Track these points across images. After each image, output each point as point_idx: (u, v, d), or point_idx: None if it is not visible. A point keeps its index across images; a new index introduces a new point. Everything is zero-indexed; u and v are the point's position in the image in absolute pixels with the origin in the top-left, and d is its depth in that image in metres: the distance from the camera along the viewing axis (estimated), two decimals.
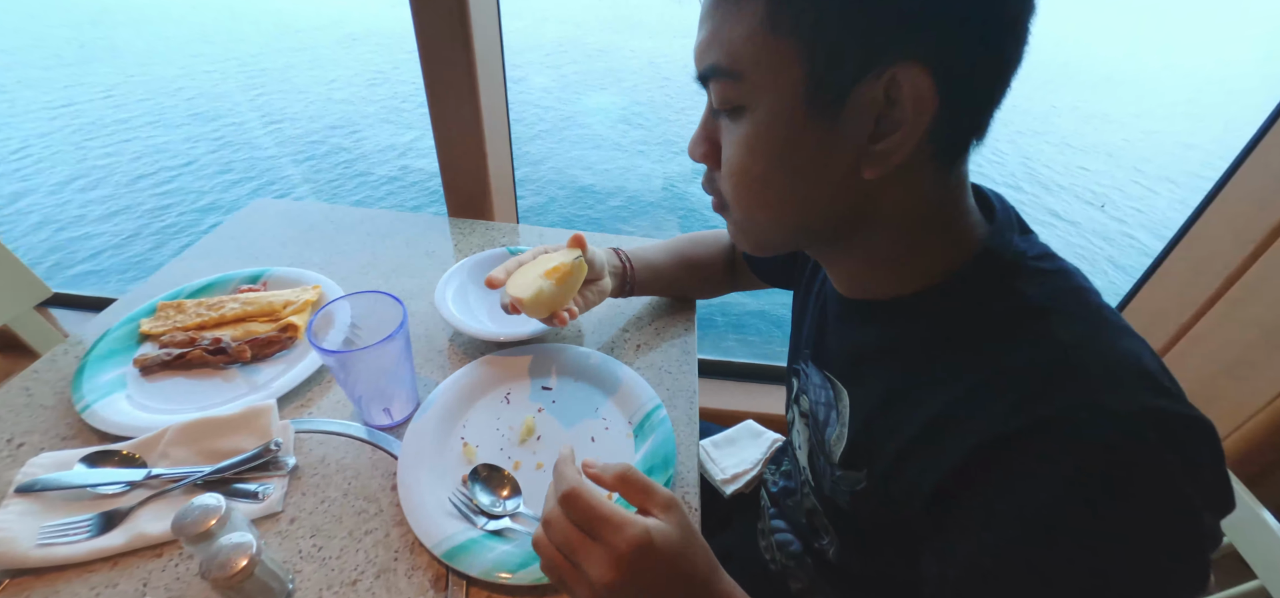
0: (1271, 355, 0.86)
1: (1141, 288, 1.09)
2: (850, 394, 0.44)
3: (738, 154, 0.38)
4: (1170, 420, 0.29)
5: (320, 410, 0.63)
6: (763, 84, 0.35)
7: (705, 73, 0.37)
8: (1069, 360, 0.32)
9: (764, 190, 0.38)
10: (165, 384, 0.65)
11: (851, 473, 0.44)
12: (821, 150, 0.35)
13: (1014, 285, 0.36)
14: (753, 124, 0.36)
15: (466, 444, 0.58)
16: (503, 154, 1.07)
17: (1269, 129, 0.89)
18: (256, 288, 0.77)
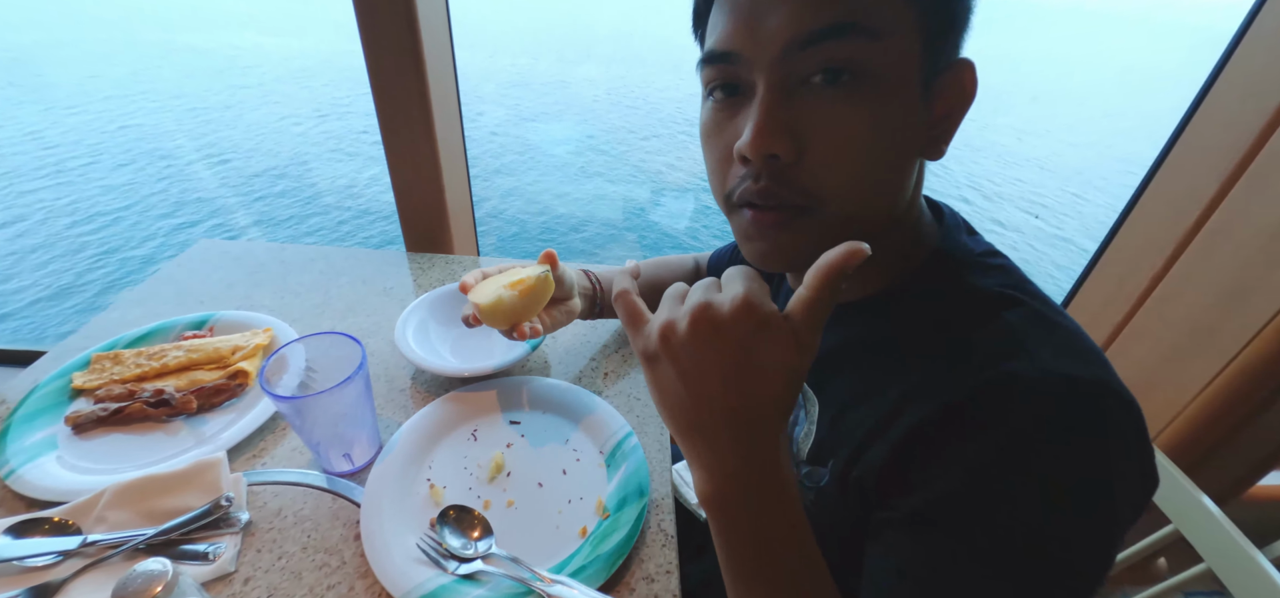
0: (1197, 350, 0.92)
1: (1079, 289, 1.16)
2: (819, 398, 0.46)
3: (861, 123, 0.34)
4: (1104, 392, 0.31)
5: (274, 460, 0.60)
6: (896, 50, 0.34)
7: (828, 30, 0.33)
8: (1017, 339, 0.34)
9: (878, 161, 0.36)
10: (101, 442, 0.61)
11: (816, 469, 0.44)
12: (917, 124, 0.37)
13: (966, 279, 0.39)
14: (874, 89, 0.34)
15: (433, 486, 0.56)
16: (460, 186, 1.06)
17: (1176, 141, 0.97)
18: (202, 334, 0.73)
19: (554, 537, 0.53)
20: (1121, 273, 1.06)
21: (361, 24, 0.83)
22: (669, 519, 0.56)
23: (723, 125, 0.39)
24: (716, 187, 0.41)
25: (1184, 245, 0.95)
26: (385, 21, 0.83)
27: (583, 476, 0.59)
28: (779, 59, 0.34)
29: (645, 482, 0.56)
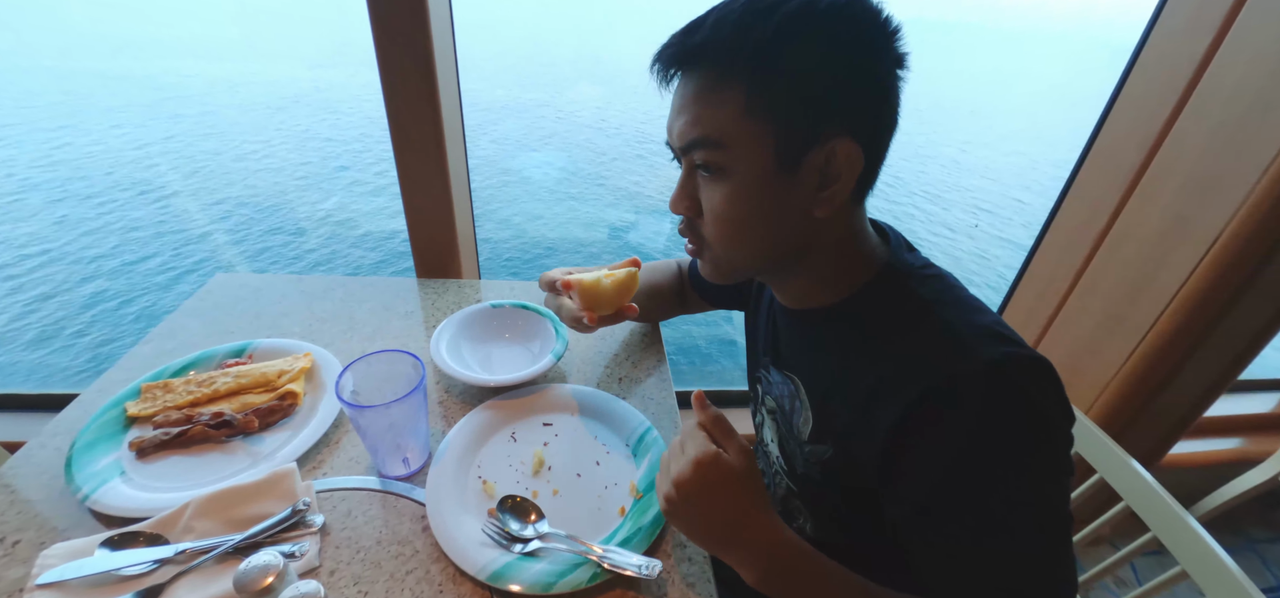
0: (1113, 334, 1.09)
1: (1017, 287, 1.32)
2: (805, 383, 0.57)
3: (722, 205, 0.49)
4: (1022, 360, 0.43)
5: (333, 470, 0.66)
6: (742, 152, 0.46)
7: (692, 144, 0.48)
8: (949, 334, 0.46)
9: (743, 231, 0.50)
10: (163, 464, 0.65)
11: (819, 447, 0.55)
12: (785, 199, 0.47)
13: (908, 287, 0.51)
14: (734, 182, 0.47)
15: (485, 482, 0.64)
16: (465, 212, 1.14)
17: (1086, 155, 1.14)
18: (243, 361, 0.79)
19: (598, 516, 0.61)
20: (1050, 272, 1.22)
21: (381, 62, 0.89)
22: None
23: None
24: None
25: (1097, 246, 1.12)
26: (403, 61, 0.90)
27: (614, 465, 0.67)
28: (680, 151, 0.51)
29: None
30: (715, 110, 0.46)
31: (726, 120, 0.46)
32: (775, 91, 0.44)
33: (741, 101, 0.45)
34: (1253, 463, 1.40)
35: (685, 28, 0.47)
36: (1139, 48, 1.05)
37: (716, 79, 0.46)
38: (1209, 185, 0.93)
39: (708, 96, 0.46)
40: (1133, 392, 1.08)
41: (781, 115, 0.45)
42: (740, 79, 0.45)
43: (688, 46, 0.47)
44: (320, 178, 6.11)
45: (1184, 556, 0.63)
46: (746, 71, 0.44)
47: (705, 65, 0.46)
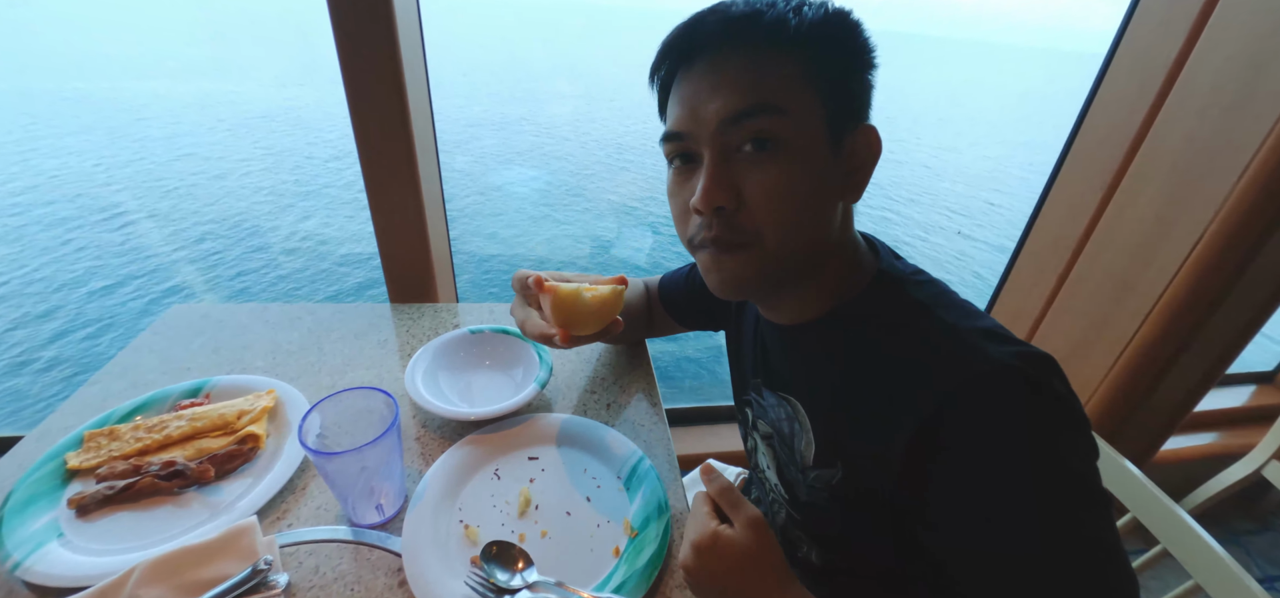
0: (1100, 337, 1.08)
1: (1000, 291, 1.32)
2: (805, 403, 0.54)
3: (782, 180, 0.45)
4: (1032, 356, 0.41)
5: (299, 520, 0.61)
6: (802, 121, 0.45)
7: (748, 111, 0.44)
8: (952, 335, 0.44)
9: (802, 213, 0.46)
10: (107, 522, 0.59)
11: (826, 471, 0.52)
12: (833, 176, 0.47)
13: (904, 292, 0.49)
14: (793, 154, 0.45)
15: (467, 526, 0.59)
16: (441, 234, 1.09)
17: (1064, 159, 1.14)
18: (199, 401, 0.73)
19: (590, 559, 0.57)
20: (1033, 277, 1.23)
21: (347, 80, 0.85)
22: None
23: (681, 186, 0.50)
24: (681, 233, 0.52)
25: (1080, 249, 1.12)
26: (371, 77, 0.85)
27: (606, 500, 0.63)
28: (716, 134, 0.46)
29: (664, 499, 0.62)
30: (773, 77, 0.44)
31: (785, 86, 0.44)
32: (828, 64, 0.45)
33: (798, 70, 0.44)
34: (1232, 456, 1.42)
35: (714, 11, 0.46)
36: (1111, 52, 1.06)
37: (772, 45, 0.44)
38: (1188, 188, 0.93)
39: (761, 65, 0.45)
40: (1123, 394, 1.07)
41: (834, 90, 0.45)
42: (797, 51, 0.44)
43: (732, 17, 0.45)
44: (298, 197, 5.96)
45: (1194, 566, 0.61)
46: (803, 44, 0.44)
47: (755, 37, 0.45)
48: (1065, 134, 1.16)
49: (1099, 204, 1.08)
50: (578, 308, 0.60)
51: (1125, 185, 1.03)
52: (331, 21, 0.81)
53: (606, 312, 0.61)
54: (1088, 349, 1.12)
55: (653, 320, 0.87)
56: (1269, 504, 1.67)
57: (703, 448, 1.30)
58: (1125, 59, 1.03)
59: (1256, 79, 0.84)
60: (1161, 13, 0.96)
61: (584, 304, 0.60)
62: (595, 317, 0.60)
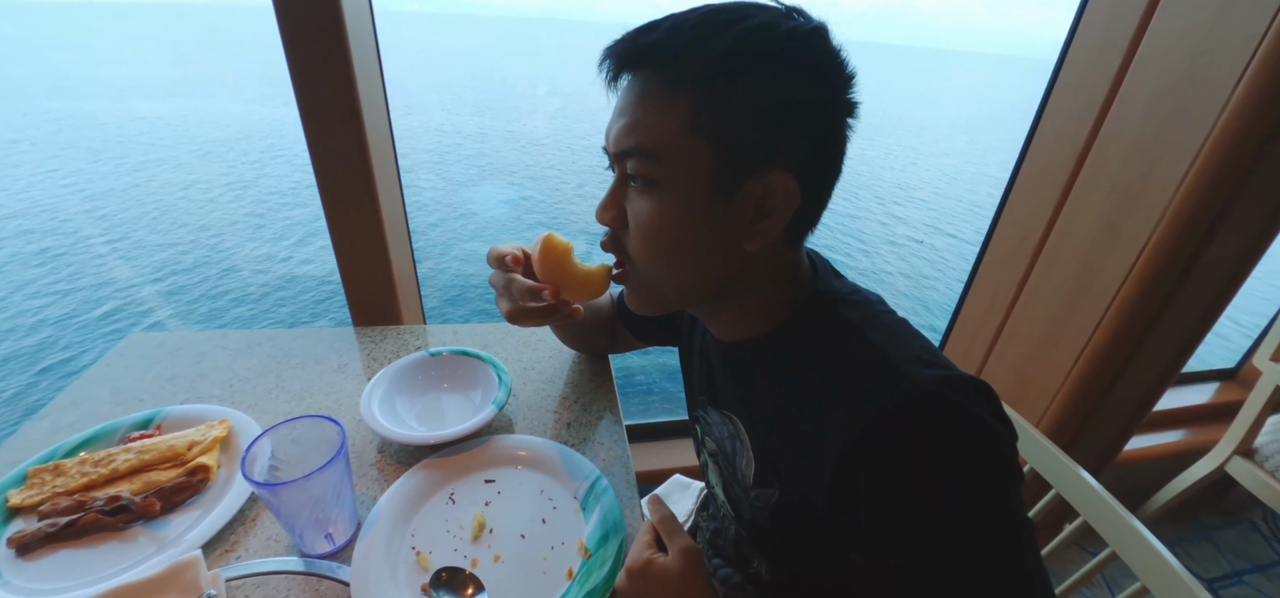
0: (1058, 342, 1.11)
1: (964, 302, 1.35)
2: (745, 423, 0.54)
3: (651, 219, 0.46)
4: (956, 380, 0.41)
5: (248, 552, 0.60)
6: (678, 168, 0.44)
7: (627, 151, 0.45)
8: (880, 356, 0.43)
9: (670, 253, 0.47)
10: (48, 561, 0.58)
11: (764, 490, 0.52)
12: (717, 225, 0.45)
13: (837, 313, 0.49)
14: (664, 197, 0.45)
15: (419, 553, 0.59)
16: (404, 257, 1.09)
17: (1022, 164, 1.17)
18: (150, 433, 0.71)
19: (542, 583, 0.57)
20: (994, 286, 1.25)
21: (300, 99, 0.84)
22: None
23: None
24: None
25: (1036, 256, 1.15)
26: (324, 96, 0.84)
27: (561, 521, 0.63)
28: (614, 157, 0.48)
29: (620, 518, 0.62)
30: (656, 119, 0.44)
31: (666, 131, 0.43)
32: (722, 110, 0.42)
33: (685, 114, 0.43)
34: (1198, 452, 1.45)
35: (641, 26, 0.45)
36: (1058, 65, 1.10)
37: (662, 86, 0.43)
38: (1133, 195, 0.96)
39: (650, 103, 0.44)
40: (1082, 395, 1.10)
41: (724, 136, 0.43)
42: (687, 90, 0.42)
43: (639, 45, 0.44)
44: (274, 216, 5.89)
45: (1142, 570, 0.62)
46: (695, 83, 0.42)
47: (654, 69, 0.44)
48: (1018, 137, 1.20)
49: (1052, 211, 1.11)
50: (568, 266, 0.57)
51: (1076, 192, 1.06)
52: (284, 45, 0.80)
53: (593, 283, 0.58)
54: (1048, 353, 1.14)
55: (615, 335, 0.87)
56: (1237, 498, 1.71)
57: (668, 463, 1.30)
58: (1071, 73, 1.07)
59: (1191, 91, 0.87)
60: (1102, 27, 1.00)
61: (574, 265, 0.58)
62: (581, 283, 0.58)
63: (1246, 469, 1.33)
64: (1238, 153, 0.84)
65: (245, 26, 49.22)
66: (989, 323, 1.27)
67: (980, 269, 1.30)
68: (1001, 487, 0.40)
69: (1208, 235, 0.90)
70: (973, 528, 0.39)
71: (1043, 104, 1.13)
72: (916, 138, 13.48)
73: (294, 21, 0.79)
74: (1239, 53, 0.82)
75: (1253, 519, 1.68)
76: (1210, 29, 0.85)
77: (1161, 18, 0.91)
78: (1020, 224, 1.18)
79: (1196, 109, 0.87)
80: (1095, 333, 1.04)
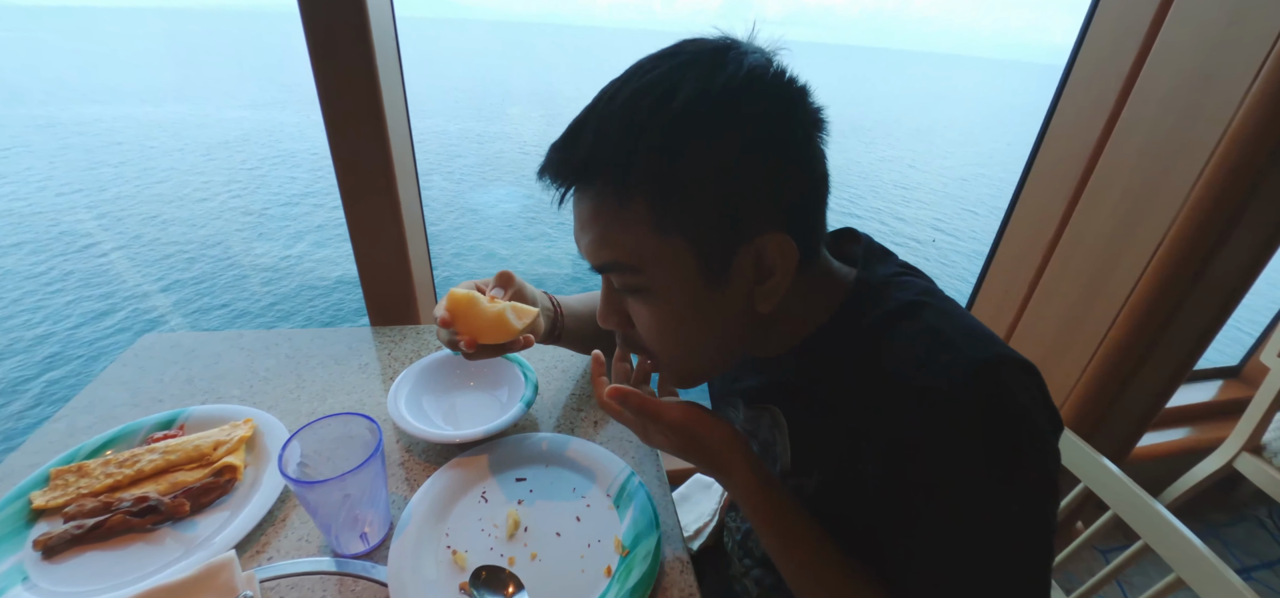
0: (1074, 339, 1.11)
1: (975, 301, 1.35)
2: (783, 411, 0.53)
3: (653, 323, 0.46)
4: (1012, 362, 0.39)
5: (280, 553, 0.59)
6: (661, 271, 0.42)
7: (606, 266, 0.44)
8: (940, 335, 0.41)
9: (685, 344, 0.47)
10: (76, 563, 0.57)
11: (804, 479, 0.51)
12: (720, 305, 0.44)
13: (887, 294, 0.46)
14: (660, 301, 0.44)
15: (455, 552, 0.58)
16: (422, 256, 1.08)
17: (1032, 164, 1.18)
18: (173, 433, 0.70)
19: (581, 581, 0.56)
20: (1005, 287, 1.26)
21: (325, 105, 0.84)
22: (681, 546, 0.61)
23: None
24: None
25: (1049, 254, 1.15)
26: (348, 99, 0.84)
27: (596, 519, 0.63)
28: (594, 268, 0.46)
29: (655, 515, 0.61)
30: (621, 231, 0.41)
31: (636, 241, 0.41)
32: (682, 202, 0.39)
33: (647, 218, 0.40)
34: (1204, 450, 1.46)
35: (563, 139, 0.42)
36: (1069, 67, 1.11)
37: (613, 196, 0.40)
38: (1148, 194, 0.97)
39: (607, 216, 0.41)
40: (1097, 394, 1.10)
41: (694, 227, 0.40)
42: (639, 194, 0.39)
43: (571, 166, 0.42)
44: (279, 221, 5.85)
45: (1175, 560, 0.62)
46: (643, 185, 0.39)
47: (596, 182, 0.41)
48: (1026, 141, 1.20)
49: (1065, 211, 1.11)
50: (473, 314, 0.61)
51: (1089, 191, 1.07)
52: (308, 47, 0.80)
53: (501, 325, 0.61)
54: (1063, 351, 1.14)
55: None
56: (1242, 496, 1.72)
57: (678, 464, 1.29)
58: (1082, 73, 1.08)
59: (1206, 88, 0.88)
60: (1114, 29, 1.01)
61: (480, 311, 0.61)
62: (491, 327, 0.61)
63: (1255, 465, 1.34)
64: (1253, 150, 0.85)
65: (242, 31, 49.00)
66: (1000, 322, 1.27)
67: (991, 268, 1.31)
68: (1030, 493, 0.39)
69: (1223, 232, 0.91)
70: (1003, 523, 0.39)
71: (1054, 102, 1.14)
72: (915, 141, 13.60)
73: (320, 25, 0.79)
74: (1255, 49, 0.83)
75: (1259, 516, 1.69)
76: (1225, 26, 0.86)
77: (1176, 15, 0.92)
78: (1032, 223, 1.19)
79: (1211, 106, 0.88)
80: (1110, 331, 1.04)
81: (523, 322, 0.62)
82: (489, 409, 0.78)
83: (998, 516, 0.39)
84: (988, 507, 0.39)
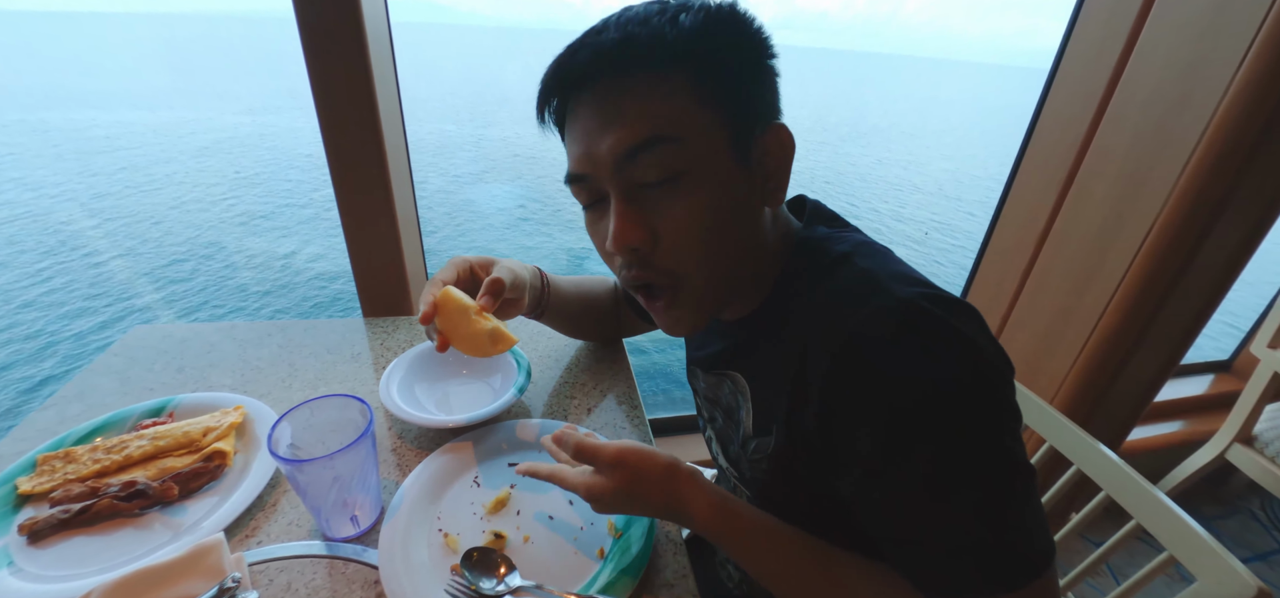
0: (1066, 328, 1.12)
1: (969, 292, 1.36)
2: (746, 375, 0.54)
3: (693, 214, 0.43)
4: (942, 298, 0.40)
5: (269, 537, 0.58)
6: (702, 145, 0.42)
7: (645, 144, 0.41)
8: (871, 278, 0.43)
9: (719, 241, 0.44)
10: (61, 548, 0.56)
11: (763, 439, 0.51)
12: (745, 195, 0.45)
13: (823, 246, 0.48)
14: (698, 182, 0.42)
15: (447, 535, 0.57)
16: (414, 247, 1.08)
17: (1022, 158, 1.19)
18: (162, 420, 0.70)
19: (574, 562, 0.56)
20: (998, 277, 1.26)
21: (318, 99, 0.84)
22: (674, 528, 0.61)
23: (596, 228, 0.49)
24: (614, 272, 0.51)
25: (1041, 245, 1.16)
26: (342, 91, 0.84)
27: (586, 505, 0.62)
28: (614, 172, 0.43)
29: None
30: (662, 102, 0.41)
31: (678, 111, 0.41)
32: (718, 75, 0.42)
33: (689, 90, 0.41)
34: (1195, 443, 1.47)
35: (585, 41, 0.43)
36: (1059, 55, 1.12)
37: (650, 73, 0.41)
38: (1136, 185, 0.98)
39: (645, 92, 0.41)
40: (1089, 383, 1.10)
41: (729, 99, 0.43)
42: (681, 68, 0.41)
43: (604, 47, 0.42)
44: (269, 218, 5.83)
45: (1168, 539, 0.63)
46: (687, 58, 0.41)
47: (634, 63, 0.42)
48: (1018, 143, 1.21)
49: (1056, 201, 1.12)
50: (460, 323, 0.60)
51: (1079, 181, 1.08)
52: (302, 43, 0.80)
53: (478, 344, 0.60)
54: (1055, 343, 1.15)
55: (621, 321, 0.87)
56: (1235, 487, 1.73)
57: (682, 455, 1.29)
58: (1069, 70, 1.08)
59: (1191, 82, 0.89)
60: (1100, 29, 1.01)
61: (468, 322, 0.60)
62: (467, 341, 0.60)
63: (1247, 456, 1.35)
64: (1239, 139, 0.86)
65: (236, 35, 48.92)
66: (993, 315, 1.28)
67: (984, 259, 1.31)
68: (990, 409, 0.38)
69: (1208, 224, 0.92)
70: (957, 448, 0.37)
71: (1044, 95, 1.15)
72: (908, 143, 13.69)
73: (315, 22, 0.79)
74: (1239, 39, 0.84)
75: (1251, 509, 1.70)
76: (1211, 16, 0.87)
77: (1162, 6, 0.93)
78: (1024, 214, 1.20)
79: (1198, 97, 0.89)
80: (1101, 320, 1.05)
81: (497, 349, 0.61)
82: (482, 396, 0.77)
83: (960, 445, 0.37)
84: (950, 439, 0.37)
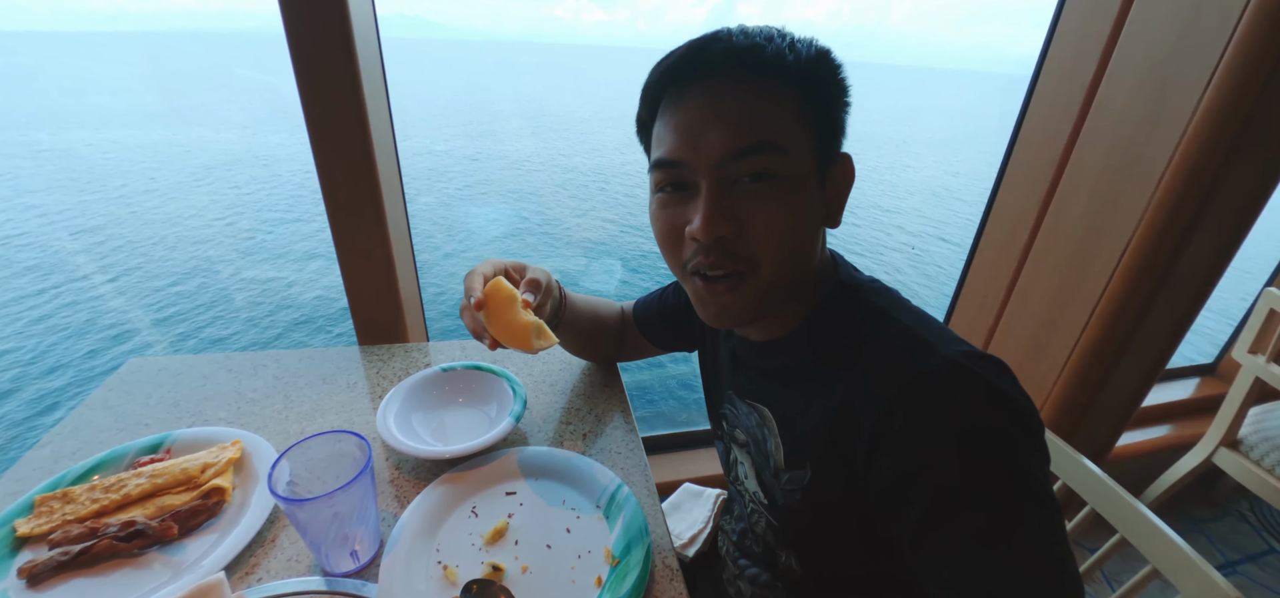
0: (1051, 339, 1.14)
1: (956, 302, 1.38)
2: (772, 409, 0.57)
3: (782, 213, 0.47)
4: (981, 357, 0.44)
5: (269, 574, 0.59)
6: (797, 156, 0.47)
7: (752, 148, 0.46)
8: (912, 332, 0.47)
9: (796, 241, 0.49)
10: (62, 591, 0.56)
11: (797, 472, 0.53)
12: (819, 210, 0.51)
13: (862, 298, 0.53)
14: (788, 187, 0.47)
15: (446, 567, 0.58)
16: (409, 274, 1.09)
17: (1004, 172, 1.22)
18: (160, 457, 0.70)
19: (571, 592, 0.57)
20: (984, 291, 1.28)
21: (310, 124, 0.85)
22: (670, 555, 0.62)
23: (673, 212, 0.51)
24: (670, 258, 0.53)
25: (1024, 257, 1.18)
26: (333, 120, 0.85)
27: (586, 530, 0.63)
28: (716, 166, 0.47)
29: (644, 524, 0.62)
30: (775, 113, 0.46)
31: (786, 124, 0.47)
32: (819, 101, 0.48)
33: (795, 108, 0.47)
34: (1184, 447, 1.49)
35: (717, 37, 0.47)
36: (1036, 74, 1.15)
37: (768, 84, 0.47)
38: (1113, 198, 1.00)
39: (762, 101, 0.46)
40: (1075, 393, 1.13)
41: (820, 125, 0.48)
42: (792, 88, 0.47)
43: (735, 49, 0.47)
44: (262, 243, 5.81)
45: (1152, 553, 0.64)
46: (799, 81, 0.47)
47: (755, 71, 0.47)
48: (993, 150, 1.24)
49: (1037, 216, 1.15)
50: (507, 313, 0.61)
51: (1059, 196, 1.10)
52: (293, 67, 0.81)
53: (522, 336, 0.60)
54: (1041, 353, 1.17)
55: (623, 344, 0.88)
56: (1224, 490, 1.75)
57: (678, 474, 1.30)
58: (1048, 83, 1.12)
59: (1164, 95, 0.92)
60: (1075, 40, 1.05)
61: (514, 314, 0.61)
62: (512, 332, 0.61)
63: (1233, 460, 1.37)
64: (1209, 152, 0.88)
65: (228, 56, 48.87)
66: (980, 325, 1.30)
67: (970, 272, 1.34)
68: (1032, 457, 0.41)
69: (1187, 231, 0.94)
70: (1007, 495, 0.40)
71: (1023, 112, 1.18)
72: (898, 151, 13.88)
73: (305, 48, 0.80)
74: (1207, 57, 0.87)
75: (1240, 511, 1.72)
76: (1178, 35, 0.90)
77: (1132, 26, 0.96)
78: (1007, 228, 1.22)
79: (1169, 113, 0.92)
80: (1085, 331, 1.07)
81: (541, 344, 0.61)
82: (478, 425, 0.78)
83: (1006, 493, 0.41)
84: (995, 487, 0.41)
